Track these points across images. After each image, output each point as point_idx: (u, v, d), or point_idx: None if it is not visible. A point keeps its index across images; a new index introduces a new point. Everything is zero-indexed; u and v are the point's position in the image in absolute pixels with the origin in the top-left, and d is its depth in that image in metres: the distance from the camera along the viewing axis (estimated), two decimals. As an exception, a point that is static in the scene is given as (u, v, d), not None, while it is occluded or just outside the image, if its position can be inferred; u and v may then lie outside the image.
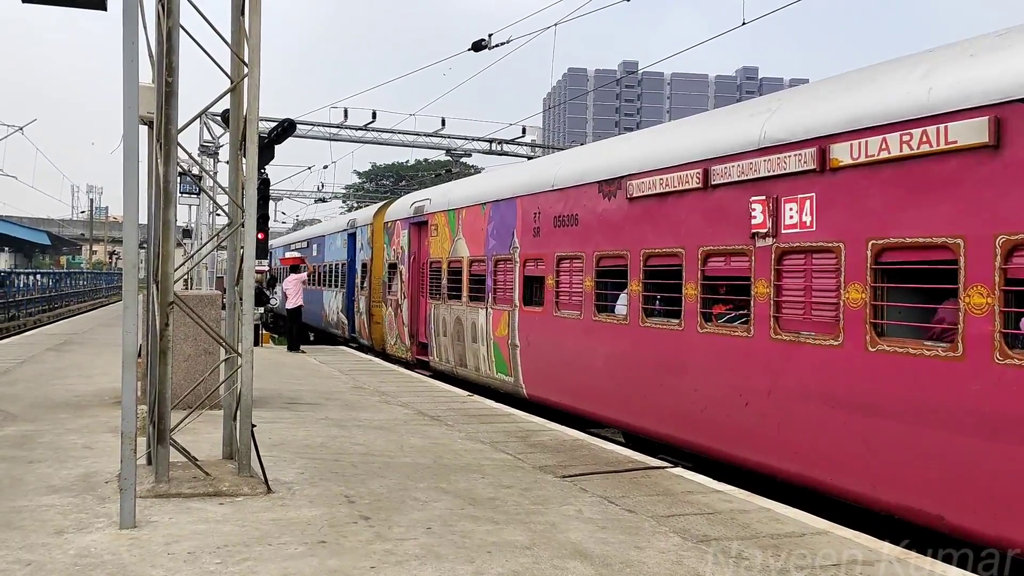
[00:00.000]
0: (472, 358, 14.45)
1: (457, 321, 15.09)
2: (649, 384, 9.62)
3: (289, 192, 56.75)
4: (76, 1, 7.07)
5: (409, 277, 17.98)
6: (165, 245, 6.52)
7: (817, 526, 6.35)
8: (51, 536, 5.46)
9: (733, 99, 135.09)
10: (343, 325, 24.95)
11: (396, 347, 18.98)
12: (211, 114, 23.31)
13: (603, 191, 10.62)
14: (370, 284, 21.22)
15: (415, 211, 17.79)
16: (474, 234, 14.52)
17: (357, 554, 5.30)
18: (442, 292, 15.85)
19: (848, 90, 7.49)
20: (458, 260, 15.17)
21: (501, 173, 15.68)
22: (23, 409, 10.42)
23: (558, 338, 11.56)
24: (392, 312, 19.14)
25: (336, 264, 26.11)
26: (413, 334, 17.84)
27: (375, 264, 21.04)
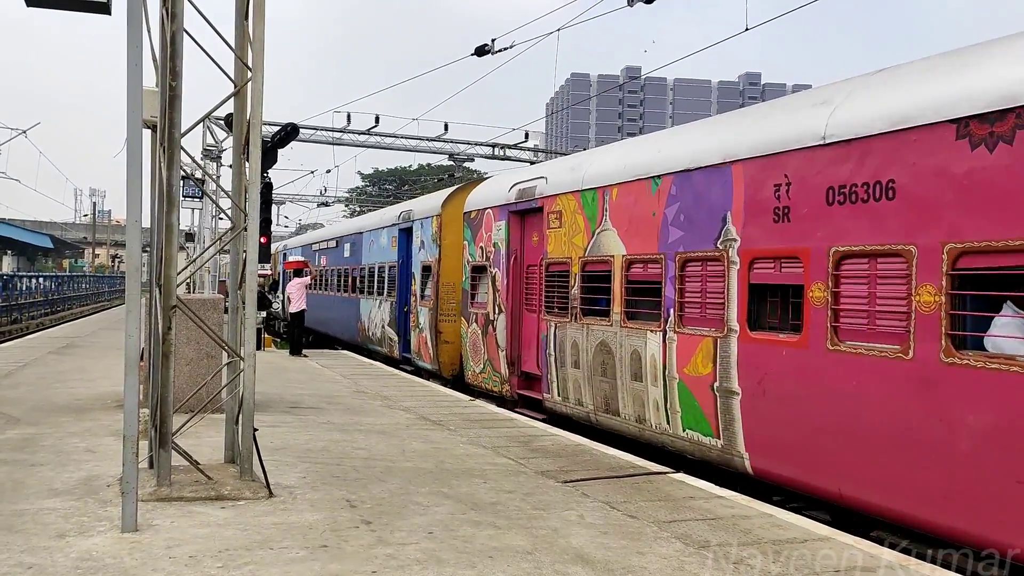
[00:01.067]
0: (630, 403, 9.95)
1: (601, 348, 10.55)
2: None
3: (292, 196, 56.87)
4: (81, 5, 7.09)
5: (508, 284, 13.29)
6: (168, 249, 6.53)
7: (819, 532, 6.33)
8: (53, 539, 5.46)
9: (736, 105, 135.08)
10: (390, 342, 20.01)
11: (482, 376, 14.25)
12: (214, 118, 23.35)
13: (973, 136, 6.17)
14: (437, 292, 16.63)
15: (520, 195, 13.10)
16: (636, 222, 10.01)
17: (359, 558, 5.29)
18: (571, 306, 11.27)
19: None
20: (602, 260, 10.67)
21: (687, 130, 10.45)
22: (25, 412, 10.43)
23: (841, 388, 7.03)
24: (478, 330, 14.43)
25: (380, 267, 21.41)
26: (513, 361, 13.16)
27: (445, 266, 16.58)
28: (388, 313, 20.30)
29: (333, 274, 27.55)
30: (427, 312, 17.14)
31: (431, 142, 30.52)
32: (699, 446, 8.80)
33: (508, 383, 13.36)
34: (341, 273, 26.13)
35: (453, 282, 16.13)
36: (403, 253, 19.44)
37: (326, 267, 28.88)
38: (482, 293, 14.48)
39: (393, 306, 19.87)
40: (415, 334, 18.03)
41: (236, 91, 7.08)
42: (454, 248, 16.18)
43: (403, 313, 19.11)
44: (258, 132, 6.82)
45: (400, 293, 19.39)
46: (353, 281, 24.39)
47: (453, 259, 16.22)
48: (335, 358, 20.51)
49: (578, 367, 11.14)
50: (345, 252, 25.99)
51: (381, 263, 21.35)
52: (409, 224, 19.11)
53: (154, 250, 6.92)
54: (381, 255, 21.50)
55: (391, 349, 19.97)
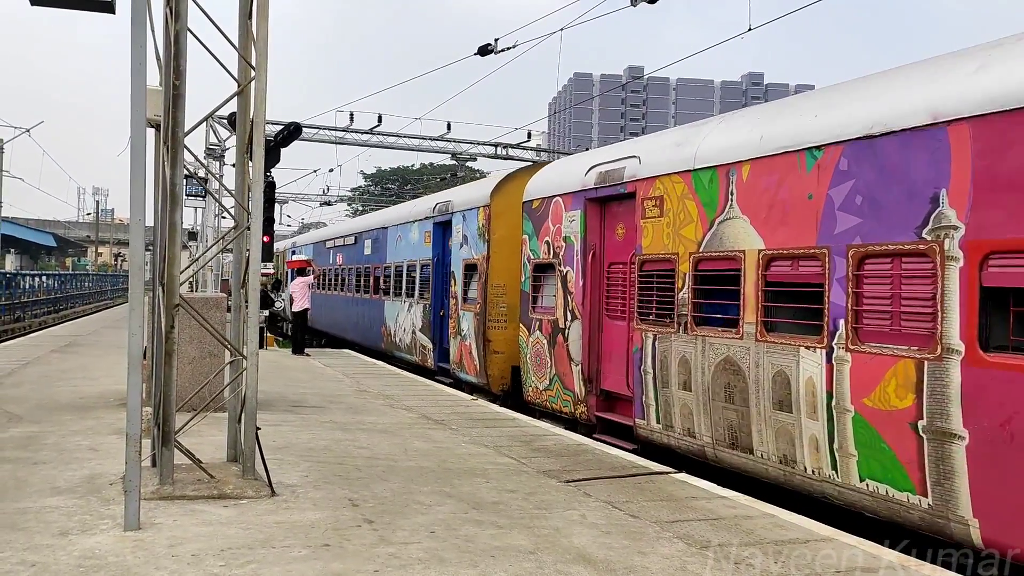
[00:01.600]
0: (770, 438, 7.86)
1: (724, 367, 8.45)
2: None
3: (295, 195, 56.92)
4: (85, 4, 7.10)
5: (585, 286, 11.14)
6: (171, 247, 6.53)
7: (821, 532, 6.33)
8: (55, 538, 5.47)
9: (739, 105, 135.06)
10: (423, 350, 17.92)
11: (548, 394, 12.10)
12: (218, 117, 23.35)
13: None
14: (484, 294, 14.53)
15: (601, 179, 10.92)
16: (780, 208, 7.89)
17: (361, 557, 5.30)
18: (678, 313, 9.15)
19: None
20: (726, 257, 8.55)
21: (860, 86, 7.81)
22: (28, 410, 10.44)
23: None
24: (542, 340, 12.22)
25: (410, 265, 19.24)
26: (591, 377, 11.05)
27: (495, 265, 14.47)
28: (420, 317, 18.07)
29: (351, 273, 25.35)
30: (472, 317, 14.98)
31: (434, 141, 30.56)
32: (887, 503, 6.72)
33: (584, 404, 11.10)
34: (361, 272, 23.92)
35: (504, 283, 14.23)
36: (438, 250, 17.36)
37: (343, 266, 26.65)
38: (548, 296, 12.28)
39: (426, 309, 17.61)
40: (455, 342, 15.80)
41: (240, 90, 7.09)
42: (507, 243, 14.23)
43: (439, 318, 17.03)
44: (261, 131, 6.82)
45: (435, 295, 17.28)
46: (376, 281, 22.19)
47: (505, 256, 14.23)
48: (337, 357, 20.52)
49: (688, 389, 8.97)
50: (366, 249, 23.74)
51: (411, 261, 19.18)
52: (447, 217, 16.88)
53: (157, 249, 6.93)
54: (411, 252, 19.28)
55: (424, 358, 17.81)
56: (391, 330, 20.53)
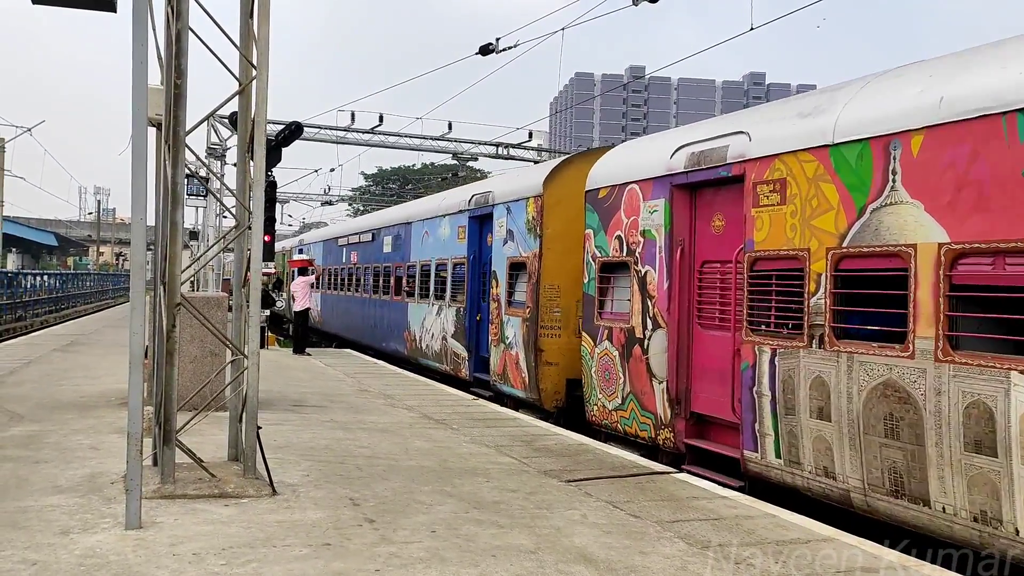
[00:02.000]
0: (959, 488, 6.15)
1: (883, 392, 6.74)
2: None
3: (296, 195, 56.96)
4: (86, 3, 7.10)
5: (671, 288, 9.46)
6: (172, 247, 6.54)
7: (823, 533, 6.33)
8: (57, 536, 5.47)
9: (740, 104, 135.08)
10: (456, 359, 16.00)
11: (620, 415, 10.35)
12: (219, 116, 23.36)
13: None
14: (536, 298, 12.73)
15: (694, 161, 9.21)
16: (974, 188, 6.24)
17: (362, 557, 5.30)
18: (810, 323, 7.45)
19: None
20: (886, 252, 6.88)
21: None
22: (30, 409, 10.45)
23: None
24: (612, 351, 10.49)
25: (439, 264, 17.31)
26: (679, 398, 9.34)
27: (549, 264, 12.70)
28: (452, 322, 16.20)
29: (368, 273, 23.41)
30: (519, 324, 13.14)
31: (435, 141, 30.56)
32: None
33: (668, 428, 9.40)
34: (380, 272, 22.00)
35: (559, 284, 12.56)
36: (474, 247, 15.60)
37: (358, 265, 24.70)
38: (620, 300, 10.50)
39: (460, 314, 15.78)
40: (497, 351, 13.95)
41: (241, 89, 7.09)
42: (562, 239, 12.60)
43: (475, 323, 15.31)
44: (262, 130, 6.83)
45: (471, 297, 15.49)
46: (398, 281, 20.31)
47: (560, 254, 12.61)
48: (338, 356, 20.53)
49: (826, 418, 7.23)
50: (385, 246, 21.77)
51: (440, 259, 17.26)
52: (486, 210, 15.06)
53: (158, 248, 6.93)
54: (440, 250, 17.34)
55: (456, 368, 15.89)
56: (416, 336, 18.53)
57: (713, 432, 9.15)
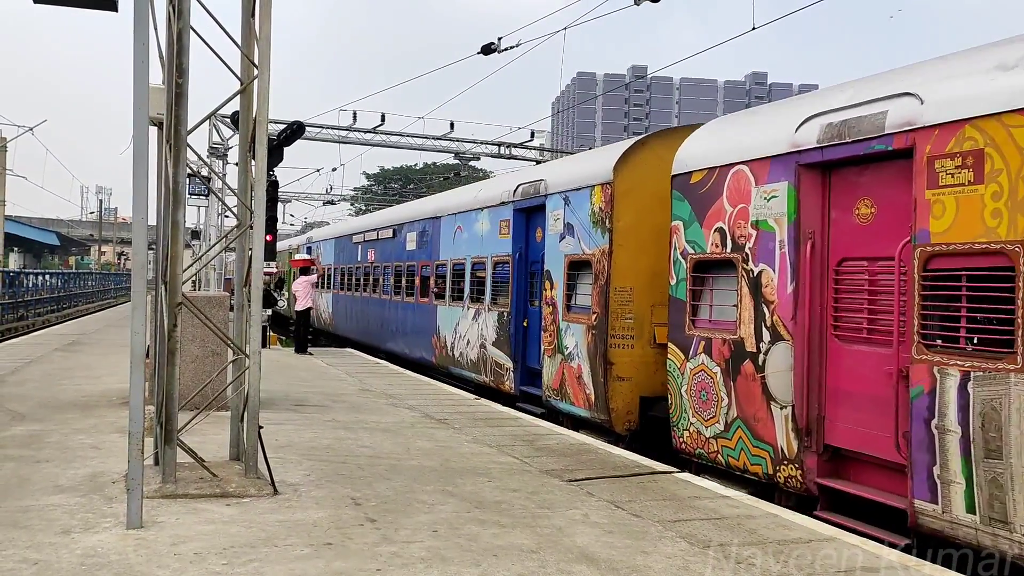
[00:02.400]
0: None
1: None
2: None
3: (298, 194, 56.94)
4: (87, 2, 7.11)
5: (797, 292, 7.83)
6: (174, 246, 6.53)
7: (824, 532, 6.32)
8: (58, 536, 5.47)
9: (742, 104, 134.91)
10: (497, 370, 14.22)
11: (722, 444, 8.66)
12: (220, 116, 23.39)
13: None
14: (605, 302, 10.89)
15: (832, 134, 7.59)
16: None
17: (363, 556, 5.30)
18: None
19: None
20: None
21: None
22: (31, 409, 10.46)
23: None
24: (712, 367, 8.80)
25: (475, 263, 15.52)
26: (809, 427, 7.64)
27: (620, 262, 10.87)
28: (492, 328, 14.42)
29: (388, 272, 21.67)
30: (582, 332, 11.33)
31: (437, 141, 30.56)
32: None
33: (795, 465, 7.71)
34: (403, 271, 20.23)
35: (631, 286, 10.78)
36: (520, 243, 13.79)
37: (376, 263, 22.93)
38: (722, 305, 8.83)
39: (503, 319, 14.02)
40: (552, 363, 12.14)
41: (242, 88, 7.09)
42: (636, 234, 10.81)
43: (521, 329, 13.64)
44: (264, 130, 6.83)
45: (516, 300, 13.69)
46: (424, 282, 18.54)
47: (633, 250, 10.78)
48: (341, 356, 20.53)
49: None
50: (409, 243, 19.92)
51: (477, 257, 15.39)
52: (536, 201, 13.26)
53: (160, 247, 6.93)
54: (477, 246, 15.51)
55: (498, 379, 14.12)
56: (447, 342, 16.63)
57: (856, 471, 7.41)
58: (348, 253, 26.29)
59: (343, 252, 27.14)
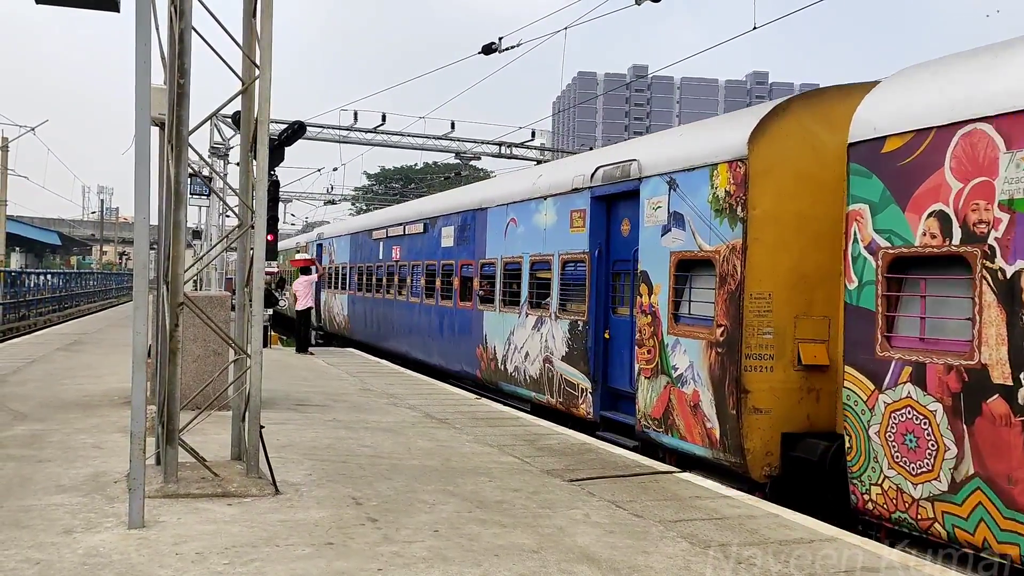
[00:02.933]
0: None
1: None
2: None
3: (299, 194, 56.97)
4: (89, 2, 7.12)
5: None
6: (175, 246, 6.54)
7: (825, 532, 6.33)
8: (60, 535, 5.48)
9: (743, 104, 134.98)
10: (569, 390, 11.90)
11: (945, 511, 6.41)
12: (222, 116, 23.42)
13: None
14: (738, 312, 8.64)
15: None
16: None
17: (364, 556, 5.30)
18: None
19: None
20: None
21: None
22: (33, 408, 10.47)
23: None
24: (928, 403, 6.61)
25: (536, 262, 13.26)
26: None
27: (757, 261, 8.62)
28: (562, 339, 12.09)
29: (417, 272, 19.30)
30: (700, 349, 9.10)
31: (438, 140, 30.55)
32: None
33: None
34: (437, 271, 17.85)
35: (770, 292, 8.54)
36: (600, 238, 11.43)
37: (401, 262, 20.57)
38: (942, 319, 6.71)
39: (578, 329, 11.70)
40: (652, 385, 9.86)
41: (244, 89, 7.10)
42: (777, 224, 8.60)
43: (602, 342, 11.31)
44: (265, 130, 6.83)
45: (595, 307, 11.38)
46: (465, 283, 16.29)
47: (773, 246, 8.58)
48: (342, 356, 20.54)
49: None
50: (444, 239, 17.63)
51: (539, 256, 13.08)
52: (625, 186, 10.84)
53: (161, 247, 6.94)
54: (538, 242, 13.17)
55: (569, 401, 11.82)
56: (497, 354, 14.30)
57: None
58: (367, 250, 24.00)
59: (361, 249, 24.74)
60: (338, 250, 27.75)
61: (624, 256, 11.08)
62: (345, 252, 26.84)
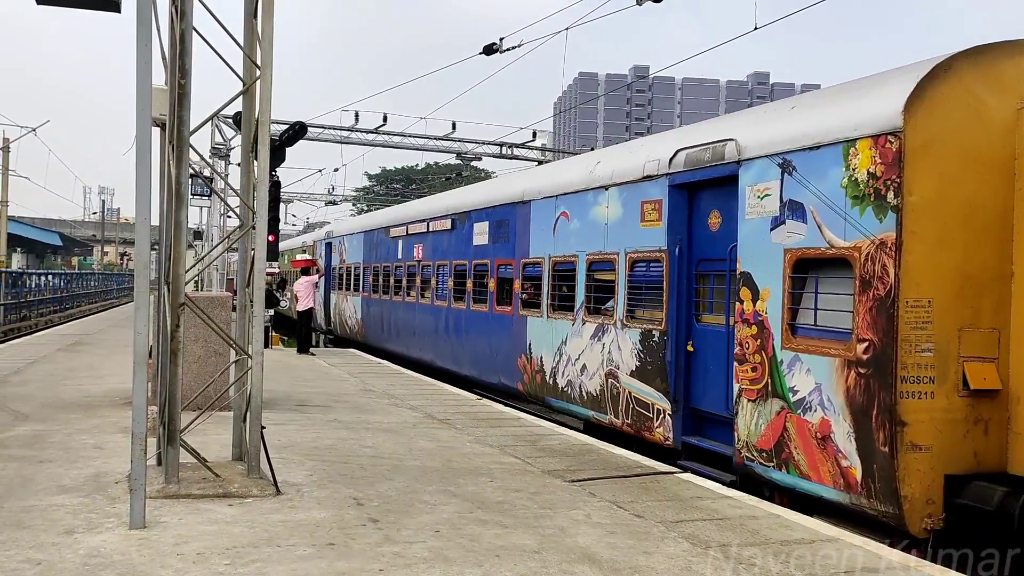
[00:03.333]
0: None
1: None
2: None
3: (300, 195, 57.00)
4: (90, 3, 7.12)
5: None
6: (176, 247, 6.55)
7: (827, 533, 6.32)
8: (61, 536, 5.48)
9: (744, 104, 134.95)
10: (640, 410, 10.22)
11: None
12: (223, 116, 23.43)
13: None
14: (889, 324, 6.87)
15: None
16: None
17: (365, 556, 5.30)
18: None
19: None
20: None
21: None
22: (34, 409, 10.47)
23: None
24: None
25: (593, 261, 11.55)
26: None
27: (915, 261, 6.87)
28: (632, 352, 10.39)
29: (444, 273, 17.56)
30: (831, 368, 7.43)
31: (439, 141, 30.57)
32: None
33: None
34: (467, 272, 16.15)
35: (928, 298, 6.92)
36: (679, 233, 9.82)
37: (424, 261, 18.86)
38: None
39: (654, 339, 10.02)
40: (760, 410, 8.21)
41: (245, 89, 7.10)
42: (942, 214, 6.97)
43: (684, 355, 9.66)
44: (267, 130, 6.84)
45: (676, 313, 9.72)
46: (503, 285, 14.62)
47: (936, 242, 6.94)
48: (343, 356, 20.54)
49: None
50: (477, 237, 15.86)
51: (599, 254, 11.30)
52: (719, 171, 9.16)
53: (163, 248, 6.94)
54: (598, 239, 11.38)
55: (641, 424, 10.15)
56: (545, 365, 12.61)
57: None
58: (384, 249, 22.26)
59: (377, 248, 22.98)
60: (350, 249, 26.07)
61: (712, 254, 9.43)
62: (358, 251, 24.93)
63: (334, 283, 27.55)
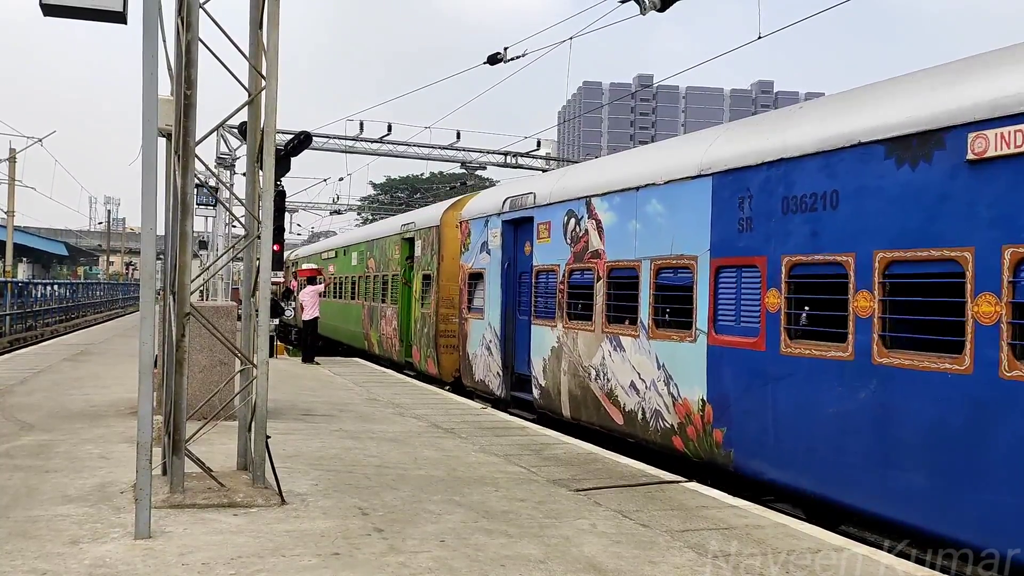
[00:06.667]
0: None
1: None
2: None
3: (305, 204, 57.11)
4: (97, 15, 7.15)
5: None
6: (182, 256, 6.56)
7: (833, 542, 6.29)
8: (66, 546, 5.48)
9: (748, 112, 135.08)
10: None
11: None
12: (228, 126, 23.48)
13: None
14: None
15: None
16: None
17: (370, 566, 5.29)
18: None
19: None
20: None
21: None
22: (40, 419, 10.48)
23: None
24: None
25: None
26: None
27: None
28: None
29: None
30: None
31: (443, 150, 30.61)
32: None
33: None
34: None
35: None
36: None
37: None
38: None
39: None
40: None
41: (250, 99, 7.12)
42: None
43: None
44: (272, 140, 6.85)
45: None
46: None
47: None
48: (347, 366, 20.54)
49: None
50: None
51: None
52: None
53: (168, 257, 6.96)
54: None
55: None
56: None
57: None
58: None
59: None
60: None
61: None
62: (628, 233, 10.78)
63: (518, 296, 13.62)
